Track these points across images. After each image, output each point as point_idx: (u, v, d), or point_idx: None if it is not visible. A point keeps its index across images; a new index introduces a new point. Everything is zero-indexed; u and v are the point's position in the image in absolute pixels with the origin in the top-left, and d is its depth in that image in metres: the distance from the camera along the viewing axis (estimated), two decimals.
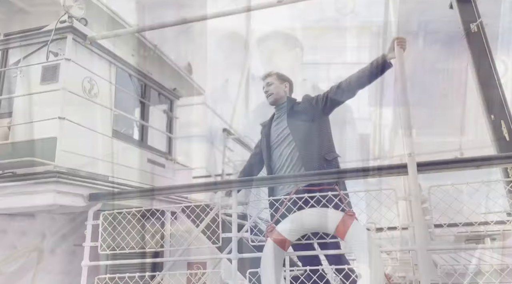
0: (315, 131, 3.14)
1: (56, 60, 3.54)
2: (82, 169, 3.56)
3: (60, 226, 4.53)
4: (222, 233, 3.04)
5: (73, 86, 3.61)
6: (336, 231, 2.68)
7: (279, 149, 3.23)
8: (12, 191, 3.23)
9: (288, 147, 3.18)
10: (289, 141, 3.19)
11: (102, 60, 4.09)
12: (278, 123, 3.36)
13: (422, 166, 2.64)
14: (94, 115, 3.98)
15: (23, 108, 3.67)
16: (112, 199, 3.45)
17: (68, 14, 3.56)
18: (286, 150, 3.17)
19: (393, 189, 2.71)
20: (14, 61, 3.83)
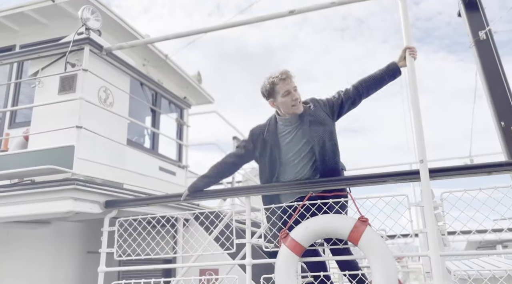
0: (334, 143, 2.92)
1: (73, 70, 3.64)
2: (98, 176, 3.63)
3: (74, 233, 4.61)
4: (236, 239, 3.09)
5: (89, 95, 3.70)
6: (349, 237, 2.71)
7: (298, 165, 2.94)
8: (31, 198, 3.32)
9: (309, 163, 2.94)
10: (310, 157, 2.92)
11: (117, 70, 4.19)
12: (293, 135, 2.92)
13: (434, 172, 2.68)
14: (110, 123, 4.06)
15: (42, 118, 3.77)
16: (127, 206, 3.52)
17: (85, 26, 3.66)
18: (306, 166, 2.94)
19: (406, 195, 2.75)
20: (32, 72, 3.93)
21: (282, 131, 2.94)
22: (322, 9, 3.36)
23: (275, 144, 2.92)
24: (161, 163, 6.00)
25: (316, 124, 2.85)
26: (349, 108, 2.98)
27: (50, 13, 5.61)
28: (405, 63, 2.92)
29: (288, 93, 2.80)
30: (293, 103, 2.82)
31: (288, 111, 2.86)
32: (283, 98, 2.81)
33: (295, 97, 2.82)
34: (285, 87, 2.79)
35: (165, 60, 6.95)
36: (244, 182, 7.22)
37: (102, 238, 3.38)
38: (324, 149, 2.87)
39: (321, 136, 2.85)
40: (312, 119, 2.86)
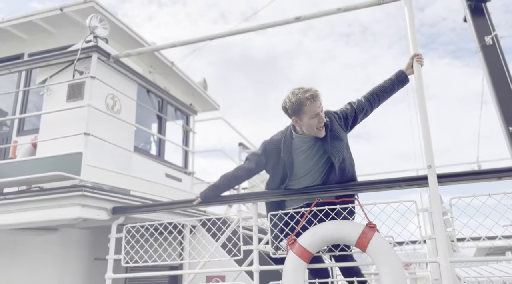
0: (351, 156, 2.94)
1: (81, 78, 3.68)
2: (106, 183, 3.65)
3: (82, 240, 4.62)
4: (243, 245, 3.08)
5: (97, 102, 3.73)
6: (357, 243, 2.69)
7: (313, 178, 2.93)
8: (39, 205, 3.33)
9: (319, 176, 2.93)
10: (321, 171, 2.91)
11: (124, 77, 4.22)
12: (307, 152, 2.86)
13: (442, 177, 2.66)
14: (117, 130, 4.08)
15: (50, 125, 3.80)
16: (135, 213, 3.52)
17: (93, 34, 3.70)
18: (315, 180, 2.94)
19: (414, 201, 2.73)
20: (41, 80, 3.97)
21: (297, 148, 2.85)
22: (328, 16, 3.38)
23: (289, 161, 2.86)
24: (168, 170, 6.02)
25: (335, 139, 2.78)
26: (361, 119, 2.98)
27: (58, 21, 5.67)
28: (412, 71, 2.95)
29: (315, 116, 2.67)
30: (318, 125, 2.71)
31: (311, 133, 2.75)
32: (310, 120, 2.68)
33: (322, 120, 2.71)
34: (313, 110, 2.65)
35: (171, 67, 7.00)
36: (250, 189, 7.20)
37: (109, 245, 3.38)
38: (344, 163, 2.87)
39: (340, 151, 2.81)
40: (331, 134, 2.78)
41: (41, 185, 3.48)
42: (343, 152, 2.83)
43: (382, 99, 2.97)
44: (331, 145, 2.76)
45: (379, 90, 2.95)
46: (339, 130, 2.82)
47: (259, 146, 3.06)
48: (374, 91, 2.95)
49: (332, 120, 2.82)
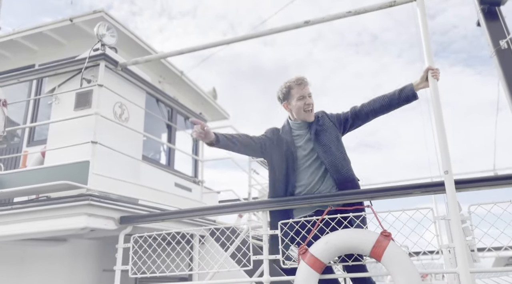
0: (342, 152, 2.95)
1: (89, 86, 3.65)
2: (113, 192, 3.59)
3: (90, 251, 4.57)
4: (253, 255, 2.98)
5: (105, 111, 3.70)
6: (371, 253, 2.58)
7: (310, 168, 2.93)
8: (46, 214, 3.29)
9: (319, 168, 2.92)
10: (319, 163, 2.92)
11: (132, 85, 4.20)
12: (303, 139, 2.97)
13: (460, 183, 2.55)
14: (125, 139, 4.05)
15: (58, 134, 3.78)
16: (143, 222, 3.46)
17: (101, 42, 3.68)
18: (318, 170, 2.92)
19: (430, 208, 2.62)
20: (49, 89, 3.96)
21: (295, 134, 2.99)
22: (337, 21, 3.31)
23: (291, 141, 2.96)
24: (177, 179, 5.96)
25: (322, 133, 2.92)
26: (354, 123, 3.02)
27: (68, 32, 5.72)
28: (427, 84, 2.85)
29: (302, 98, 2.89)
30: (306, 108, 2.90)
31: (300, 116, 2.94)
32: (297, 102, 2.90)
33: (308, 102, 2.90)
34: (300, 92, 2.89)
35: (180, 76, 7.00)
36: (260, 198, 7.11)
37: (116, 255, 3.31)
38: (333, 156, 2.89)
39: (327, 144, 2.90)
40: (319, 128, 2.93)
41: (48, 195, 3.44)
42: (331, 145, 2.89)
43: (381, 112, 2.95)
44: (315, 137, 2.90)
45: (378, 101, 2.93)
46: (328, 124, 2.95)
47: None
48: (373, 101, 2.95)
49: (323, 117, 2.99)
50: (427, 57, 2.90)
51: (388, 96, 2.93)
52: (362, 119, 2.99)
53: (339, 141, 2.97)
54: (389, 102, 2.92)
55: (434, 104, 2.75)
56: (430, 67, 2.84)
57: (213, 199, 6.91)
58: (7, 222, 3.46)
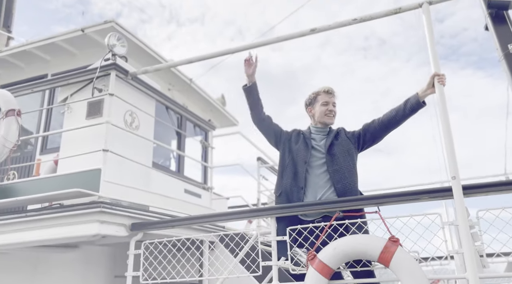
0: (352, 164, 3.05)
1: (100, 95, 3.73)
2: (124, 199, 3.65)
3: (102, 257, 4.63)
4: (262, 261, 3.01)
5: (115, 119, 3.78)
6: (379, 258, 2.59)
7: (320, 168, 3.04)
8: (58, 222, 3.36)
9: (324, 175, 3.02)
10: (325, 169, 3.02)
11: (142, 94, 4.27)
12: (318, 144, 3.13)
13: (468, 189, 2.55)
14: (136, 146, 4.11)
15: (70, 142, 3.86)
16: (153, 229, 3.50)
17: (111, 52, 3.77)
18: (322, 177, 3.02)
19: (439, 214, 2.62)
20: (62, 99, 4.05)
21: (312, 136, 3.18)
22: (344, 28, 3.34)
23: (309, 138, 3.15)
24: (187, 186, 6.02)
25: (335, 145, 3.06)
26: (367, 139, 3.11)
27: (79, 42, 5.84)
28: (433, 90, 2.89)
29: (326, 104, 3.14)
30: (327, 113, 3.13)
31: (321, 119, 3.15)
32: (321, 107, 3.14)
33: (331, 109, 3.14)
34: (325, 98, 3.15)
35: (189, 84, 7.08)
36: (269, 204, 7.13)
37: (127, 262, 3.36)
38: (338, 166, 2.99)
39: (336, 154, 3.02)
40: (335, 141, 3.09)
41: (61, 202, 3.51)
42: (339, 156, 3.00)
43: (396, 124, 3.00)
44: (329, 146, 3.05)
45: (391, 114, 3.00)
46: (344, 138, 3.10)
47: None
48: (386, 115, 3.03)
49: (341, 131, 3.17)
50: (433, 63, 2.92)
51: (395, 109, 3.00)
52: (373, 134, 3.08)
53: (350, 155, 3.05)
54: (395, 114, 2.98)
55: (441, 110, 2.77)
56: (436, 73, 2.87)
57: (222, 205, 6.95)
58: (21, 229, 3.53)
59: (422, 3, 2.98)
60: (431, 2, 2.99)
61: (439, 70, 2.89)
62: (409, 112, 2.95)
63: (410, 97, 2.98)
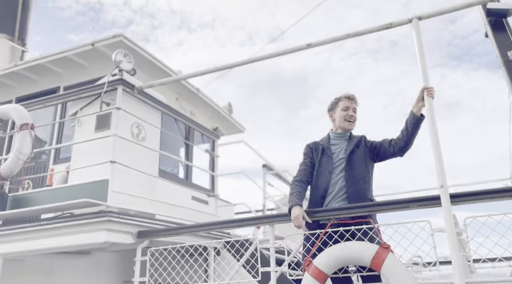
0: (365, 172, 3.13)
1: (108, 109, 3.93)
2: (131, 208, 3.83)
3: (112, 263, 4.82)
4: (261, 267, 3.15)
5: (123, 131, 3.96)
6: (371, 264, 2.71)
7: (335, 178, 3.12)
8: (69, 230, 3.55)
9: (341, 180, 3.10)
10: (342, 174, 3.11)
11: (148, 106, 4.46)
12: (339, 149, 3.22)
13: (455, 197, 2.66)
14: (142, 156, 4.30)
15: (80, 154, 4.06)
16: (158, 236, 3.67)
17: (118, 68, 3.96)
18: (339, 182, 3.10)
19: (428, 221, 2.73)
20: (72, 112, 4.26)
21: (332, 143, 3.27)
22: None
23: (327, 147, 3.24)
24: (194, 193, 6.20)
25: (354, 152, 3.14)
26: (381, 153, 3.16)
27: (90, 56, 6.07)
28: (423, 103, 2.96)
29: (346, 109, 3.22)
30: (347, 118, 3.21)
31: (341, 124, 3.24)
32: (341, 112, 3.23)
33: (351, 114, 3.21)
34: (346, 104, 3.23)
35: (196, 93, 7.27)
36: (276, 210, 7.26)
37: (134, 268, 3.53)
38: (353, 171, 3.07)
39: (353, 159, 3.11)
40: (355, 149, 3.16)
41: (72, 211, 3.70)
42: (356, 164, 3.08)
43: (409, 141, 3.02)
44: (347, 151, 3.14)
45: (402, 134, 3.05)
46: (363, 145, 3.18)
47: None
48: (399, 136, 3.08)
49: (361, 139, 3.24)
50: (423, 76, 3.02)
51: (401, 130, 3.07)
52: (383, 154, 3.14)
53: (366, 164, 3.14)
54: (403, 131, 3.04)
55: (430, 121, 2.87)
56: (425, 86, 2.97)
57: (229, 211, 7.10)
58: (36, 237, 3.74)
59: (412, 19, 3.10)
60: (421, 17, 3.11)
61: (428, 83, 3.00)
62: (412, 130, 2.99)
63: (408, 116, 3.05)
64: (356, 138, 3.26)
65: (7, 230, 3.83)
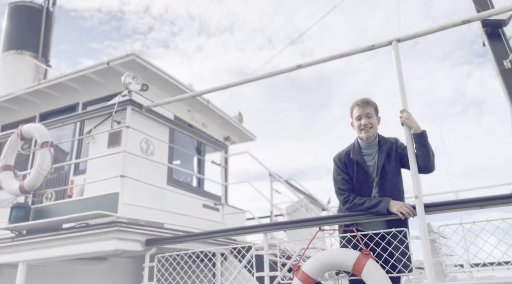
0: (398, 181, 3.18)
1: (119, 127, 4.30)
2: (141, 218, 4.18)
3: (127, 268, 5.19)
4: (256, 272, 3.43)
5: (132, 147, 4.32)
6: (353, 269, 2.96)
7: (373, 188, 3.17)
8: (85, 239, 3.93)
9: (378, 194, 3.16)
10: (378, 188, 3.17)
11: (156, 122, 4.82)
12: (373, 159, 3.20)
13: (429, 207, 2.88)
14: (151, 169, 4.65)
15: (95, 168, 4.45)
16: (165, 244, 4.00)
17: (127, 89, 4.33)
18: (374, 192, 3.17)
19: (405, 229, 2.95)
20: (87, 130, 4.66)
21: (364, 153, 3.22)
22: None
23: (362, 161, 3.19)
24: (205, 201, 6.55)
25: (386, 162, 3.15)
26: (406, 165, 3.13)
27: (105, 73, 6.51)
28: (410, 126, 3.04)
29: (359, 118, 3.18)
30: (362, 127, 3.15)
31: (359, 134, 3.22)
32: (356, 122, 3.21)
33: (364, 123, 3.13)
34: (358, 112, 3.19)
35: (207, 105, 7.63)
36: (285, 216, 7.52)
37: (143, 273, 3.87)
38: (386, 183, 3.13)
39: (385, 170, 3.13)
40: (387, 162, 3.15)
41: (87, 221, 4.08)
42: (388, 171, 3.12)
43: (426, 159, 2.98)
44: (382, 158, 3.14)
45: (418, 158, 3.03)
46: (395, 153, 3.16)
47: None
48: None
49: (393, 144, 3.20)
50: (402, 99, 3.15)
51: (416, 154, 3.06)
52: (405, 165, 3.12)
53: (398, 171, 3.19)
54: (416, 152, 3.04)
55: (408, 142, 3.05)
56: (401, 110, 3.11)
57: (239, 218, 7.40)
58: (58, 245, 4.14)
59: (392, 41, 3.32)
60: (399, 39, 3.32)
61: (407, 106, 3.12)
62: (418, 147, 3.01)
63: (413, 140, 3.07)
64: (386, 144, 3.20)
65: (30, 239, 4.25)
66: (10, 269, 5.55)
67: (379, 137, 3.23)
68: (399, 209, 2.92)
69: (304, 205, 7.42)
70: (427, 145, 2.97)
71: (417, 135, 2.99)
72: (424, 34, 3.38)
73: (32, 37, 9.53)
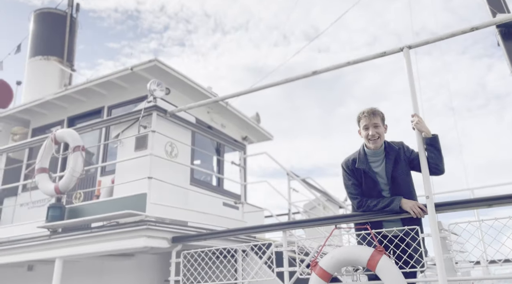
0: (409, 186, 3.29)
1: (145, 132, 4.57)
2: (167, 216, 4.45)
3: (153, 264, 5.48)
4: (276, 268, 3.65)
5: (158, 150, 4.60)
6: (367, 265, 3.14)
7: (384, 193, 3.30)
8: (115, 237, 4.22)
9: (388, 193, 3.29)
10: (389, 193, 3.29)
11: (180, 126, 5.09)
12: (380, 166, 3.30)
13: (439, 206, 3.04)
14: (176, 170, 4.92)
15: (123, 170, 4.74)
16: (190, 241, 4.26)
17: (153, 96, 4.60)
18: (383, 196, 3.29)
19: (417, 227, 3.12)
20: (115, 135, 4.96)
21: (371, 161, 3.33)
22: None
23: (369, 168, 3.30)
24: (225, 199, 6.81)
25: (394, 167, 3.26)
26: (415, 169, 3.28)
27: (129, 78, 6.81)
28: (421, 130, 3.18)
29: (366, 128, 3.26)
30: (369, 137, 3.23)
31: (367, 144, 3.30)
32: (363, 131, 3.30)
33: (371, 133, 3.22)
34: (365, 122, 3.27)
35: (225, 106, 7.87)
36: (302, 214, 7.70)
37: (170, 268, 4.14)
38: (398, 189, 3.25)
39: (395, 177, 3.25)
40: (395, 169, 3.26)
41: (117, 220, 4.37)
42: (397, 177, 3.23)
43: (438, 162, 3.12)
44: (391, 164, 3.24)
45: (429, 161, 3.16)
46: (402, 157, 3.26)
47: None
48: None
49: (400, 149, 3.30)
50: (413, 104, 3.31)
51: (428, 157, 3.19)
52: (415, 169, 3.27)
53: (408, 175, 3.30)
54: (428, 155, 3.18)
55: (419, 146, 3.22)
56: (412, 114, 3.25)
57: (258, 216, 7.64)
58: (88, 242, 4.44)
59: (403, 47, 3.48)
60: (411, 46, 3.47)
61: (418, 110, 3.26)
62: (430, 150, 3.13)
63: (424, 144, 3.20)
64: (393, 151, 3.28)
65: (65, 237, 4.57)
66: (43, 265, 5.93)
67: (385, 144, 3.31)
68: (411, 208, 3.08)
69: (321, 203, 7.60)
70: (438, 148, 3.11)
71: (429, 139, 3.14)
72: (435, 41, 3.53)
73: (57, 43, 9.91)
